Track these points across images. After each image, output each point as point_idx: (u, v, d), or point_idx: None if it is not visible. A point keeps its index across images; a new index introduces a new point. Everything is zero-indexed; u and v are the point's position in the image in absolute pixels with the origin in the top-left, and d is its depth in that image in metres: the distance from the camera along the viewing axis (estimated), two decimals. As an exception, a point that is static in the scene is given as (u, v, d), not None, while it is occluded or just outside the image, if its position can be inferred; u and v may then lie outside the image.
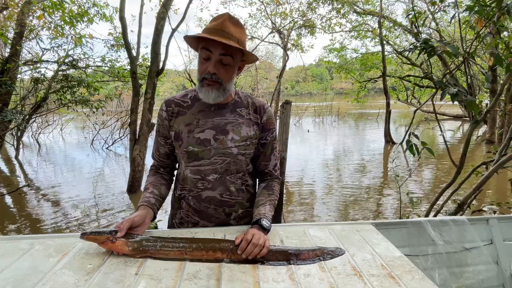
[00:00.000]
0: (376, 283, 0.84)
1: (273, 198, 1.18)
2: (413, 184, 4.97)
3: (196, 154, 1.12)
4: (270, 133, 1.19)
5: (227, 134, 1.11)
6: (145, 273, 0.80)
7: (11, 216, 3.95)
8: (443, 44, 1.30)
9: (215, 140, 1.11)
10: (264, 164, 1.22)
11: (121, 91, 8.87)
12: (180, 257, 0.89)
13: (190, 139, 1.11)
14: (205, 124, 1.12)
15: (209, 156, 1.11)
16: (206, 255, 0.90)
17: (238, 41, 1.03)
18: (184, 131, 1.12)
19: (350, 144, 9.08)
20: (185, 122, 1.13)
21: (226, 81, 1.06)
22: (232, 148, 1.11)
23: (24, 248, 0.87)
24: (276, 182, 1.25)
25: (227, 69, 1.05)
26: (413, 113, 4.70)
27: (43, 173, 6.08)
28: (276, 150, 1.23)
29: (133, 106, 4.31)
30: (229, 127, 1.12)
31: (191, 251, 0.90)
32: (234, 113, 1.14)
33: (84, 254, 0.87)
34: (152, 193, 1.12)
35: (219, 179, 1.13)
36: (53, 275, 0.76)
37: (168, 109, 1.15)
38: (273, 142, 1.22)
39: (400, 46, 12.74)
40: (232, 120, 1.13)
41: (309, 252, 0.98)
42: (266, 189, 1.20)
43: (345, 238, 1.10)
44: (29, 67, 6.78)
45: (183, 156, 1.14)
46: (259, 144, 1.19)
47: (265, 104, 1.21)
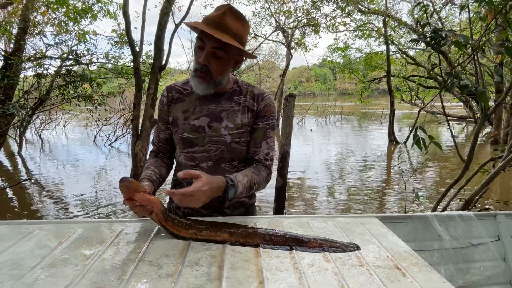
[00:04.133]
0: (382, 274, 0.82)
1: (254, 178, 1.08)
2: (417, 184, 4.93)
3: (191, 141, 1.12)
4: (264, 119, 1.14)
5: (221, 122, 1.10)
6: (146, 259, 0.78)
7: (12, 209, 3.96)
8: (453, 33, 1.28)
9: (210, 128, 1.10)
10: (254, 151, 1.15)
11: (124, 88, 8.89)
12: (191, 236, 0.89)
13: (186, 126, 1.11)
14: (201, 111, 1.11)
15: (203, 143, 1.11)
16: (214, 236, 0.90)
17: (235, 36, 1.01)
18: (181, 117, 1.12)
19: (353, 143, 9.04)
20: (182, 108, 1.13)
21: (217, 74, 1.04)
22: (226, 136, 1.10)
23: (23, 232, 0.86)
24: (264, 168, 1.15)
25: (220, 62, 1.03)
26: (417, 113, 4.67)
27: (46, 168, 6.10)
28: (270, 139, 1.16)
29: (135, 101, 4.30)
30: (223, 114, 1.11)
31: (200, 232, 0.90)
32: (230, 101, 1.13)
33: (84, 240, 0.85)
34: (153, 171, 1.12)
35: (213, 166, 1.12)
36: (52, 259, 0.74)
37: (169, 95, 1.16)
38: (266, 129, 1.15)
39: (405, 46, 12.68)
40: (227, 107, 1.12)
41: (315, 242, 0.96)
42: (252, 168, 1.13)
43: (349, 230, 1.08)
44: (32, 63, 6.80)
45: (179, 142, 1.15)
46: (250, 131, 1.15)
47: (265, 92, 1.17)
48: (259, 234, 0.94)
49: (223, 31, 0.99)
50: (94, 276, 0.69)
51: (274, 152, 1.20)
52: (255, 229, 0.97)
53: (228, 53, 1.02)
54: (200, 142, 1.11)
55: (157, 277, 0.71)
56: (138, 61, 4.29)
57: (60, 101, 7.07)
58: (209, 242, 0.89)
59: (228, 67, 1.07)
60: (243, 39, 1.04)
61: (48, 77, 6.58)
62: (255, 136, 1.14)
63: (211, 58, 1.01)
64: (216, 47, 1.00)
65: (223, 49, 1.00)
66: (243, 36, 1.04)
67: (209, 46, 1.00)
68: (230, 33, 0.99)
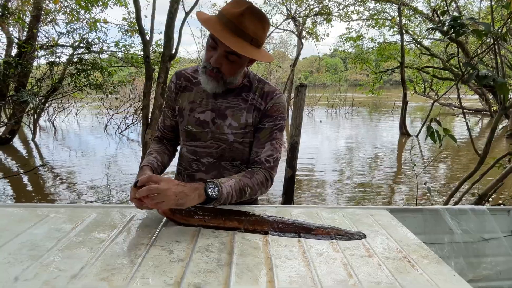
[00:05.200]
0: (391, 265, 0.82)
1: (245, 181, 0.99)
2: (427, 178, 4.87)
3: (194, 134, 1.10)
4: (271, 119, 1.07)
5: (225, 119, 1.07)
6: (157, 244, 0.80)
7: (27, 194, 4.09)
8: (474, 21, 1.23)
9: (213, 124, 1.08)
10: (255, 151, 1.08)
11: (135, 77, 8.95)
12: (201, 224, 0.90)
13: (191, 118, 1.09)
14: (207, 105, 1.08)
15: (206, 139, 1.09)
16: (223, 223, 0.91)
17: (251, 40, 0.93)
18: (187, 108, 1.10)
19: (363, 135, 8.94)
20: (189, 99, 1.10)
21: (228, 75, 0.99)
22: (228, 135, 1.07)
23: (40, 215, 0.89)
24: (262, 171, 1.06)
25: (232, 65, 0.97)
26: (430, 106, 4.58)
27: (59, 155, 6.24)
28: (276, 141, 1.08)
29: (145, 90, 4.33)
30: (228, 111, 1.07)
31: (209, 220, 0.91)
32: (237, 98, 1.07)
33: (98, 224, 0.87)
34: (155, 158, 1.10)
35: (213, 163, 1.11)
36: (67, 242, 0.77)
37: (177, 82, 1.13)
38: (272, 130, 1.07)
39: (420, 35, 12.35)
40: (233, 104, 1.07)
41: (323, 230, 0.97)
42: (245, 172, 1.05)
43: (358, 221, 1.08)
44: (45, 51, 6.89)
45: (182, 134, 1.13)
46: (254, 130, 1.08)
47: (276, 90, 1.09)
48: (268, 222, 0.95)
49: (239, 35, 0.91)
50: (107, 258, 0.71)
51: (279, 155, 1.11)
52: (263, 217, 0.98)
53: (242, 57, 0.96)
54: (203, 137, 1.09)
55: (169, 262, 0.73)
56: (148, 49, 4.30)
57: (72, 89, 7.17)
58: (218, 229, 0.91)
59: (241, 69, 1.02)
60: (261, 41, 0.97)
61: (60, 66, 6.67)
62: (259, 136, 1.08)
63: (223, 60, 0.96)
64: (229, 51, 0.94)
65: (236, 54, 0.94)
66: (261, 38, 0.96)
67: (222, 49, 0.94)
68: (247, 38, 0.92)
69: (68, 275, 0.64)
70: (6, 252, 0.69)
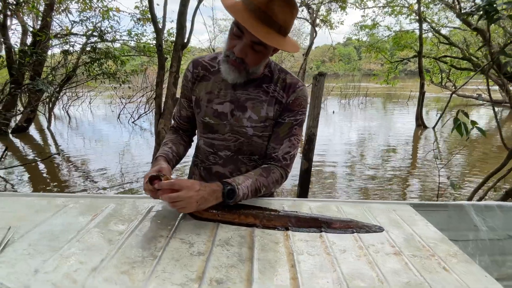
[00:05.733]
0: (418, 265, 0.79)
1: (261, 180, 0.98)
2: (444, 172, 4.75)
3: (212, 126, 1.06)
4: (292, 114, 1.03)
5: (245, 112, 1.02)
6: (177, 236, 0.78)
7: (43, 181, 4.18)
8: (511, 5, 1.15)
9: (232, 116, 1.03)
10: (273, 147, 1.04)
11: (147, 66, 8.96)
12: (213, 218, 0.88)
13: (208, 110, 1.05)
14: (225, 95, 1.03)
15: (224, 132, 1.05)
16: (238, 218, 0.89)
17: (279, 29, 0.87)
18: (204, 99, 1.06)
19: (378, 127, 8.78)
20: (207, 89, 1.06)
21: (252, 65, 0.94)
22: (247, 128, 1.02)
23: (58, 205, 0.88)
24: (279, 169, 1.03)
25: (257, 55, 0.92)
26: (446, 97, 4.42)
27: (73, 143, 6.35)
28: (295, 137, 1.05)
29: (158, 79, 4.32)
30: (248, 104, 1.02)
31: (223, 214, 0.89)
32: (258, 89, 1.02)
33: (116, 215, 0.86)
34: (171, 148, 1.07)
35: (231, 157, 1.08)
36: (86, 233, 0.76)
37: (194, 71, 1.08)
38: (292, 126, 1.03)
39: (438, 24, 11.92)
40: (254, 96, 1.02)
41: (341, 223, 0.95)
42: (261, 169, 1.02)
43: (381, 216, 1.04)
44: (59, 40, 6.95)
45: (199, 125, 1.10)
46: (274, 124, 1.04)
47: (298, 82, 1.04)
48: (285, 217, 0.93)
49: (268, 24, 0.85)
50: (127, 251, 0.70)
51: (296, 151, 1.08)
52: (280, 212, 0.95)
53: (268, 48, 0.91)
54: (221, 130, 1.05)
55: (189, 255, 0.71)
56: (161, 37, 4.27)
57: (85, 78, 7.24)
58: (233, 225, 0.88)
59: (266, 59, 0.97)
60: (288, 29, 0.90)
61: (74, 54, 6.72)
62: (278, 131, 1.04)
63: (248, 51, 0.90)
64: (256, 42, 0.88)
65: (263, 45, 0.88)
66: (288, 26, 0.90)
67: (248, 39, 0.88)
68: (275, 26, 0.86)
69: (89, 267, 0.63)
70: (26, 243, 0.69)
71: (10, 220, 0.78)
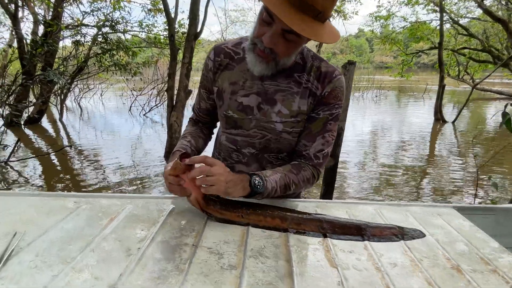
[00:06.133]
0: (482, 281, 0.67)
1: (290, 176, 0.89)
2: (471, 170, 4.56)
3: (235, 121, 0.95)
4: (327, 108, 0.91)
5: (274, 105, 0.91)
6: (204, 244, 0.68)
7: (57, 173, 4.17)
8: None
9: (259, 110, 0.92)
10: (304, 144, 0.94)
11: (158, 58, 8.90)
12: (236, 220, 0.80)
13: (232, 102, 0.94)
14: (251, 87, 0.92)
15: (249, 127, 0.94)
16: (264, 221, 0.80)
17: (317, 15, 0.73)
18: (227, 90, 0.94)
19: (394, 121, 8.54)
20: (230, 79, 0.94)
21: (282, 56, 0.82)
22: (277, 124, 0.92)
23: (70, 207, 0.79)
24: (310, 168, 0.94)
25: (289, 44, 0.80)
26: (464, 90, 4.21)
27: (85, 135, 6.35)
28: (329, 134, 0.94)
29: (170, 71, 4.23)
30: (278, 96, 0.90)
31: (247, 215, 0.80)
32: (289, 79, 0.91)
33: (134, 219, 0.77)
34: (189, 142, 0.98)
35: (255, 155, 0.97)
36: (102, 240, 0.67)
37: (216, 60, 0.96)
38: (328, 121, 0.92)
39: (457, 14, 11.48)
40: (284, 87, 0.90)
41: (384, 229, 0.84)
42: (291, 165, 0.93)
43: (426, 222, 0.92)
44: (70, 31, 6.92)
45: (222, 120, 0.99)
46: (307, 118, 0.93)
47: (335, 71, 0.91)
48: (318, 221, 0.82)
49: (303, 9, 0.72)
50: (149, 263, 0.60)
51: (330, 149, 0.97)
52: (310, 214, 0.85)
53: (302, 36, 0.77)
54: (245, 125, 0.94)
55: (220, 269, 0.61)
56: (173, 27, 4.16)
57: (97, 70, 7.21)
58: (257, 228, 0.79)
59: (298, 48, 0.84)
60: (328, 14, 0.77)
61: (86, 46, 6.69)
62: (311, 127, 0.93)
63: (279, 40, 0.78)
64: (287, 30, 0.76)
65: (296, 33, 0.75)
66: (328, 11, 0.76)
67: (279, 27, 0.76)
68: (311, 12, 0.73)
69: (105, 284, 0.53)
70: (33, 253, 0.60)
71: (16, 224, 0.69)
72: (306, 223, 0.82)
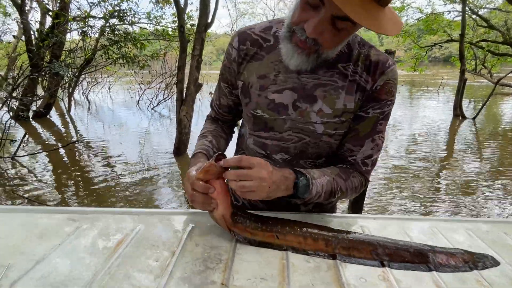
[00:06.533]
0: None
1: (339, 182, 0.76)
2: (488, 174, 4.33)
3: (265, 122, 0.80)
4: (378, 106, 0.77)
5: (314, 103, 0.76)
6: (236, 283, 0.53)
7: (65, 168, 4.09)
8: None
9: (295, 109, 0.77)
10: (350, 149, 0.80)
11: (166, 51, 8.76)
12: (270, 241, 0.66)
13: (261, 100, 0.78)
14: (285, 81, 0.76)
15: (282, 129, 0.79)
16: (304, 243, 0.66)
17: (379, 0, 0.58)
18: (255, 85, 0.79)
19: (409, 117, 8.27)
20: (259, 72, 0.78)
21: (328, 47, 0.66)
22: (317, 125, 0.77)
23: (67, 229, 0.65)
24: (358, 174, 0.81)
25: (339, 34, 0.64)
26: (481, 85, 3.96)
27: (93, 129, 6.28)
28: (379, 136, 0.80)
29: (180, 63, 4.08)
30: (319, 92, 0.75)
31: (283, 235, 0.67)
32: (332, 71, 0.75)
33: (147, 243, 0.62)
34: (211, 142, 0.85)
35: (288, 161, 0.82)
36: (109, 274, 0.52)
37: (241, 48, 0.80)
38: (378, 121, 0.78)
39: (477, 5, 11.05)
40: (326, 81, 0.75)
41: (452, 255, 0.68)
42: (339, 169, 0.80)
43: (496, 244, 0.76)
44: (78, 23, 6.82)
45: (248, 120, 0.83)
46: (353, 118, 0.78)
47: (388, 60, 0.76)
48: (369, 244, 0.67)
49: None
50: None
51: (379, 154, 0.83)
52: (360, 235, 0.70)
53: (357, 25, 0.63)
54: (278, 127, 0.79)
55: (260, 322, 0.46)
56: (183, 18, 4.01)
57: (105, 62, 7.12)
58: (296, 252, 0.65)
59: (348, 38, 0.69)
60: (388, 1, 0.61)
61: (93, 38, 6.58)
62: (358, 129, 0.79)
63: (326, 28, 0.62)
64: (340, 16, 0.60)
65: (350, 20, 0.60)
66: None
67: (329, 13, 0.60)
68: None
69: None
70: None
71: (2, 251, 0.55)
72: (357, 247, 0.67)
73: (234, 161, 0.63)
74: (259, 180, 0.62)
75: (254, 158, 0.64)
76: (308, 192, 0.70)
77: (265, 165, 0.64)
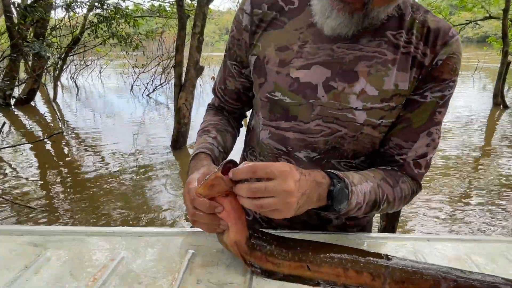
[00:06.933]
0: None
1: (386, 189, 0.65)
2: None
3: (286, 108, 0.67)
4: (439, 87, 0.65)
5: (354, 82, 0.63)
6: None
7: (50, 162, 4.04)
8: None
9: (327, 90, 0.64)
10: (398, 145, 0.68)
11: (163, 29, 8.63)
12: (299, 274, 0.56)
13: (281, 79, 0.66)
14: (314, 54, 0.64)
15: (308, 118, 0.66)
16: (344, 276, 0.56)
17: None
18: (273, 60, 0.67)
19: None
20: (278, 42, 0.67)
21: (378, 3, 0.56)
22: (357, 112, 0.64)
23: (27, 257, 0.54)
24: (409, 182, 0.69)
25: None
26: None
27: (83, 118, 6.23)
28: (437, 129, 0.68)
29: (178, 42, 3.95)
30: (361, 67, 0.63)
31: (317, 266, 0.56)
32: (379, 40, 0.63)
33: (132, 281, 0.51)
34: (215, 139, 0.74)
35: (316, 161, 0.69)
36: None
37: (255, 12, 0.68)
38: (436, 108, 0.66)
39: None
40: (370, 53, 0.63)
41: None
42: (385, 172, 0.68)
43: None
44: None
45: (262, 106, 0.71)
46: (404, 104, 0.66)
47: (451, 28, 0.64)
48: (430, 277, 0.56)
49: None
50: None
51: (434, 153, 0.71)
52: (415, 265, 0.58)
53: None
54: (303, 115, 0.66)
55: None
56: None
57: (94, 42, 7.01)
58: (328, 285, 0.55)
59: None
60: None
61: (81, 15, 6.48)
62: (411, 118, 0.67)
63: None
64: None
65: None
66: None
67: None
68: None
69: None
70: None
71: None
72: (413, 281, 0.56)
73: (246, 172, 0.50)
74: (284, 195, 0.50)
75: (272, 164, 0.52)
76: (347, 202, 0.58)
77: (290, 172, 0.51)
